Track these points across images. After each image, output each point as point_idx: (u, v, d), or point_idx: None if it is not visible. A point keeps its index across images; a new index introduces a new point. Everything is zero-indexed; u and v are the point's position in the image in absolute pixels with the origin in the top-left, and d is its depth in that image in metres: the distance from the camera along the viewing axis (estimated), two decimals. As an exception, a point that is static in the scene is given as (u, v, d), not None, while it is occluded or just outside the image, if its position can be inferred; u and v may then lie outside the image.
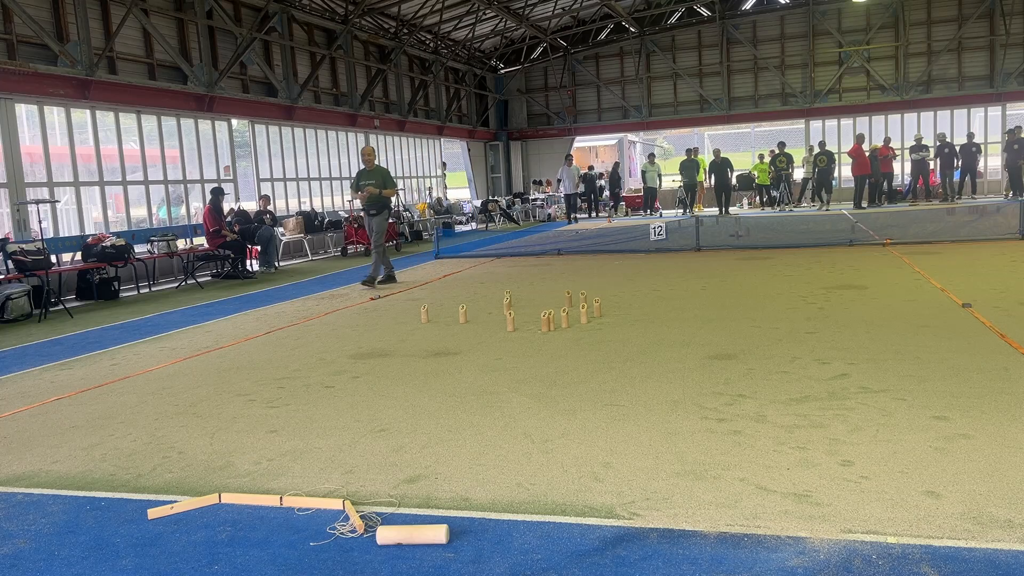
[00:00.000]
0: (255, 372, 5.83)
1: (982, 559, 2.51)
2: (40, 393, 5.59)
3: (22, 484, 3.74)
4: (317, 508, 3.22)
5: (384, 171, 10.69)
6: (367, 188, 10.31)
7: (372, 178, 10.37)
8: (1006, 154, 20.66)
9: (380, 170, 10.61)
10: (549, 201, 25.83)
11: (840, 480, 3.18)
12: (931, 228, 13.80)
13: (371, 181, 10.32)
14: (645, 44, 25.61)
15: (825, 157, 21.48)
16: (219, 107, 14.79)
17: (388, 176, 10.65)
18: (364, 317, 8.09)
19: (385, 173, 10.62)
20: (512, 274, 11.18)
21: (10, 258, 9.86)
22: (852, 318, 6.51)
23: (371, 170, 10.49)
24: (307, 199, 18.05)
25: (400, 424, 4.31)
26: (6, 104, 10.88)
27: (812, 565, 2.53)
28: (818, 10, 23.88)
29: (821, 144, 22.31)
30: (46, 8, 11.62)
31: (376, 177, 10.39)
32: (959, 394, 4.25)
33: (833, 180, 22.27)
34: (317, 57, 18.04)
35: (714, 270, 10.21)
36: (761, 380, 4.76)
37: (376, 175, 10.43)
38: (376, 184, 10.29)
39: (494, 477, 3.44)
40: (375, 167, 10.57)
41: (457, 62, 24.73)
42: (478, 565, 2.67)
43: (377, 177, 10.39)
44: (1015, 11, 22.19)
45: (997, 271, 8.72)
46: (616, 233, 16.34)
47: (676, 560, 2.62)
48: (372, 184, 10.27)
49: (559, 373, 5.24)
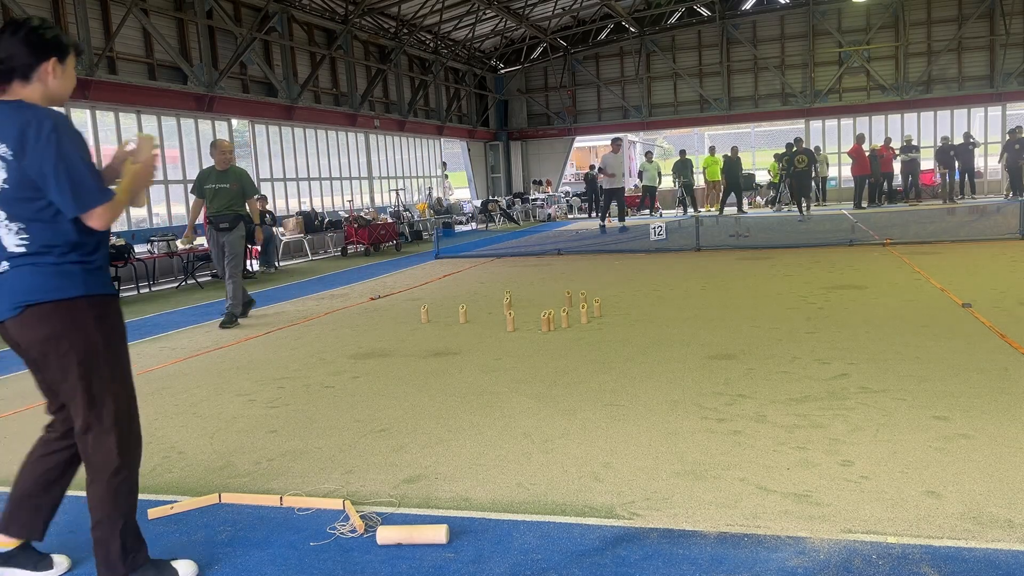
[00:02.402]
0: (255, 372, 5.83)
1: (982, 559, 2.51)
2: (40, 393, 5.58)
3: (22, 484, 3.73)
4: (317, 508, 3.22)
5: (243, 173, 8.23)
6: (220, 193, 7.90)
7: (225, 181, 7.94)
8: (1006, 154, 20.66)
9: (237, 171, 8.16)
10: (549, 201, 25.83)
11: (840, 480, 3.18)
12: (931, 228, 13.80)
13: (224, 185, 7.92)
14: (645, 44, 25.62)
15: (805, 157, 19.13)
16: (219, 107, 14.80)
17: (249, 181, 8.20)
18: (364, 317, 8.09)
19: (244, 176, 8.17)
20: (512, 274, 11.18)
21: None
22: (852, 318, 6.51)
23: (224, 171, 8.01)
24: (307, 199, 18.05)
25: (400, 424, 4.31)
26: (6, 104, 10.88)
27: (812, 565, 2.53)
28: (818, 10, 23.88)
29: (798, 141, 20.25)
30: (46, 8, 11.63)
31: (230, 180, 7.96)
32: (959, 394, 4.25)
33: (813, 182, 20.56)
34: (317, 57, 18.05)
35: (714, 270, 10.21)
36: (761, 380, 4.77)
37: (231, 178, 7.98)
38: (231, 190, 7.92)
39: (494, 477, 3.45)
40: (230, 167, 8.09)
41: (457, 62, 24.74)
42: (478, 565, 2.67)
43: (232, 180, 7.97)
44: (1015, 11, 22.19)
45: (997, 271, 8.72)
46: (616, 233, 16.34)
47: (676, 560, 2.62)
48: (227, 188, 7.91)
49: (559, 373, 5.24)
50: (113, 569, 2.53)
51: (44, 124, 2.40)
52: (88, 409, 2.51)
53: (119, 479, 2.53)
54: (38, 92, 2.50)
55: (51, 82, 2.52)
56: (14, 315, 2.47)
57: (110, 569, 2.53)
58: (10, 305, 2.47)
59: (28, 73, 2.48)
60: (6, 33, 2.47)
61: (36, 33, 2.48)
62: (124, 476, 2.55)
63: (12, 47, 2.45)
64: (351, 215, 16.79)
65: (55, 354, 2.48)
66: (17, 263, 2.46)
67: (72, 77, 2.61)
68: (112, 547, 2.51)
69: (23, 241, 2.45)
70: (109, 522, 2.51)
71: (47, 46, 2.50)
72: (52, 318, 2.46)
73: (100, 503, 2.51)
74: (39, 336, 2.47)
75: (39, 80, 2.50)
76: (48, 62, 2.50)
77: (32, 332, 2.47)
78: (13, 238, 2.45)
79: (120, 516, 2.53)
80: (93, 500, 2.52)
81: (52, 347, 2.47)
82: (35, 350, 2.50)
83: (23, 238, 2.45)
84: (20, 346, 2.55)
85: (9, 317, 2.48)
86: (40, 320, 2.45)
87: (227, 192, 7.91)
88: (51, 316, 2.46)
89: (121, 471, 2.54)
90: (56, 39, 2.52)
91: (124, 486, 2.55)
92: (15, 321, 2.48)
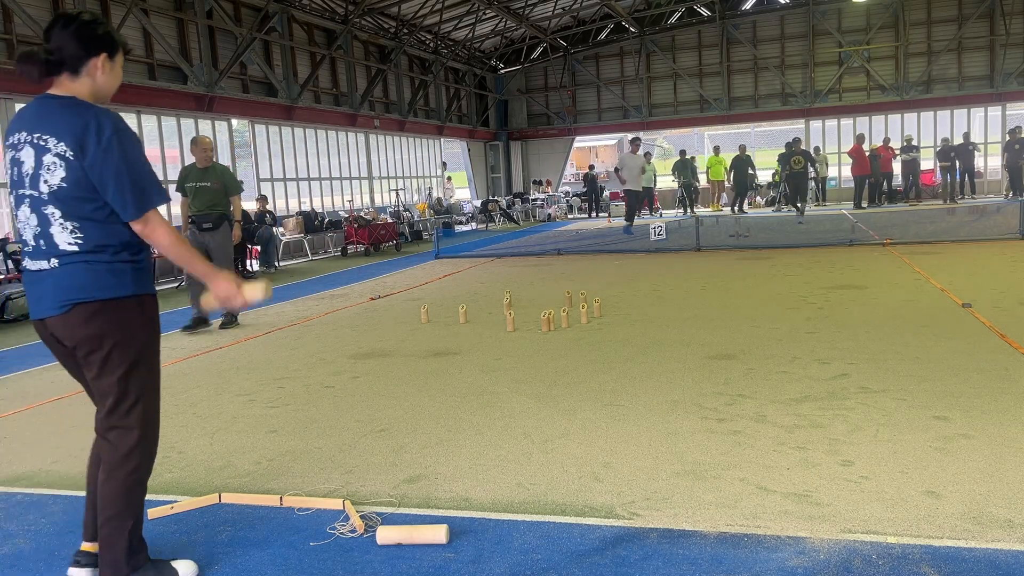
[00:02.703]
0: (255, 372, 5.83)
1: (982, 559, 2.51)
2: (40, 393, 5.59)
3: (22, 484, 3.74)
4: (317, 508, 3.22)
5: (225, 170, 8.03)
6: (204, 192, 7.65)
7: (206, 180, 7.69)
8: (1006, 154, 20.66)
9: (219, 169, 7.92)
10: (549, 201, 25.83)
11: (840, 480, 3.18)
12: (931, 228, 13.80)
13: (206, 183, 7.67)
14: (645, 44, 25.62)
15: (802, 158, 18.52)
16: (219, 107, 14.80)
17: (231, 178, 7.98)
18: (364, 317, 8.09)
19: (226, 173, 7.97)
20: (512, 274, 11.18)
21: (10, 258, 9.87)
22: (852, 318, 6.51)
23: (205, 168, 7.76)
24: (307, 199, 18.06)
25: (400, 424, 4.31)
26: (6, 104, 10.89)
27: (812, 565, 2.53)
28: (818, 10, 23.88)
29: (796, 142, 19.34)
30: (46, 8, 11.63)
31: (212, 179, 7.72)
32: (959, 394, 4.25)
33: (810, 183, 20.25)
34: (317, 57, 18.05)
35: (714, 270, 10.21)
36: (761, 380, 4.76)
37: (213, 176, 7.74)
38: (213, 187, 7.67)
39: (494, 477, 3.44)
40: (212, 165, 7.84)
41: (457, 62, 24.74)
42: (478, 565, 2.67)
43: (214, 179, 7.72)
44: (1015, 11, 22.19)
45: (997, 271, 8.72)
46: (616, 233, 16.34)
47: (676, 560, 2.62)
48: (208, 187, 7.67)
49: (559, 373, 5.24)
50: (117, 568, 2.53)
51: (105, 126, 2.41)
52: (120, 406, 2.53)
53: (135, 478, 2.54)
54: (86, 87, 2.50)
55: (99, 77, 2.52)
56: (60, 312, 2.46)
57: (115, 568, 2.53)
58: (57, 302, 2.46)
59: (77, 66, 2.48)
60: (58, 26, 2.47)
61: (88, 27, 2.49)
62: (139, 476, 2.56)
63: (63, 39, 2.45)
64: (351, 215, 16.79)
65: (99, 351, 2.48)
66: (68, 260, 2.45)
67: (119, 75, 2.61)
68: (118, 546, 2.52)
69: (77, 240, 2.45)
70: (119, 520, 2.51)
71: (99, 41, 2.50)
72: (100, 316, 2.46)
73: (113, 500, 2.51)
74: (86, 333, 2.46)
75: (88, 75, 2.50)
76: (98, 57, 2.50)
77: (80, 329, 2.46)
78: (67, 236, 2.45)
79: (130, 515, 2.53)
80: (106, 497, 2.52)
81: (98, 344, 2.47)
82: (82, 347, 2.49)
83: (77, 237, 2.45)
84: (61, 342, 2.54)
85: (54, 314, 2.48)
86: (89, 318, 2.45)
87: (209, 191, 7.67)
88: (100, 314, 2.46)
89: (138, 470, 2.55)
90: (108, 35, 2.53)
91: (138, 486, 2.56)
92: (61, 318, 2.47)
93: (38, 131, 2.43)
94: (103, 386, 2.52)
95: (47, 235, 2.46)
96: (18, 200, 2.51)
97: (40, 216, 2.45)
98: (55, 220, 2.44)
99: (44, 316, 2.50)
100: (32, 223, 2.48)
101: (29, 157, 2.44)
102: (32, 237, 2.49)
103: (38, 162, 2.42)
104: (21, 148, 2.46)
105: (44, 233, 2.46)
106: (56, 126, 2.41)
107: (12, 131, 2.53)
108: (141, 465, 2.56)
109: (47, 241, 2.46)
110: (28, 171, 2.45)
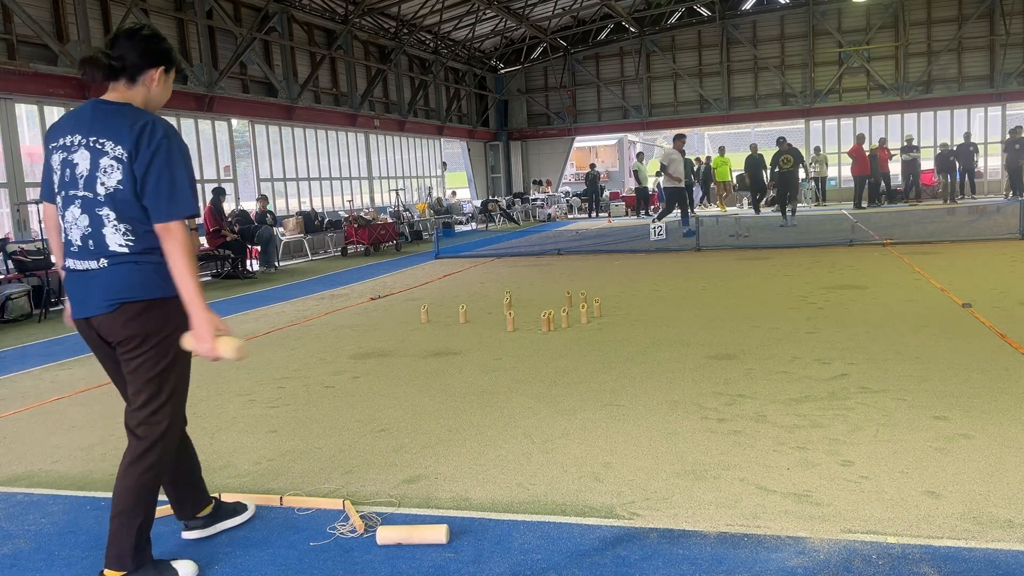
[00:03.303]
0: (255, 372, 5.83)
1: (982, 559, 2.51)
2: (40, 393, 5.59)
3: (22, 484, 3.74)
4: (317, 508, 3.22)
5: None
6: None
7: None
8: (1006, 154, 20.66)
9: None
10: (549, 201, 25.83)
11: (840, 480, 3.18)
12: (931, 228, 13.80)
13: None
14: (645, 44, 25.62)
15: (791, 157, 17.37)
16: (219, 107, 14.80)
17: None
18: (364, 317, 8.09)
19: None
20: (512, 274, 11.18)
21: (10, 258, 9.87)
22: (852, 318, 6.51)
23: None
24: (307, 199, 18.05)
25: (400, 424, 4.31)
26: (6, 104, 10.89)
27: (812, 565, 2.53)
28: (818, 10, 23.88)
29: (780, 141, 17.80)
30: (46, 8, 11.63)
31: None
32: (959, 394, 4.25)
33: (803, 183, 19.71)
34: (317, 57, 18.05)
35: (714, 270, 10.21)
36: (761, 380, 4.76)
37: None
38: None
39: (494, 477, 3.44)
40: None
41: (457, 62, 24.74)
42: (478, 565, 2.67)
43: None
44: (1015, 11, 22.19)
45: (997, 271, 8.72)
46: (616, 233, 16.33)
47: (676, 560, 2.62)
48: None
49: (559, 373, 5.24)
50: (123, 563, 2.57)
51: (158, 130, 2.51)
52: (151, 402, 2.61)
53: (151, 475, 2.60)
54: (140, 96, 2.62)
55: (154, 88, 2.65)
56: (107, 311, 2.53)
57: (120, 562, 2.57)
58: (105, 301, 2.53)
59: (135, 75, 2.60)
60: (124, 36, 2.61)
61: (152, 41, 2.64)
62: (155, 473, 2.62)
63: (126, 48, 2.58)
64: (351, 215, 16.79)
65: (141, 348, 2.56)
66: (117, 261, 2.53)
67: (169, 89, 2.75)
68: (126, 541, 2.56)
69: (128, 241, 2.53)
70: (130, 516, 2.56)
71: (158, 55, 2.65)
72: (145, 315, 2.54)
73: (126, 493, 2.56)
74: (131, 332, 2.54)
75: (143, 84, 2.62)
76: (156, 70, 2.64)
77: (125, 328, 2.54)
78: (119, 238, 2.53)
79: (141, 512, 2.58)
80: (120, 490, 2.58)
81: (140, 342, 2.56)
82: (124, 344, 2.57)
83: (128, 239, 2.53)
84: (104, 340, 2.61)
85: (100, 313, 2.54)
86: (134, 316, 2.53)
87: None
88: (145, 313, 2.54)
89: (155, 467, 2.61)
90: (168, 51, 2.68)
91: (153, 483, 2.61)
92: (108, 316, 2.54)
93: (94, 134, 2.52)
94: (139, 382, 2.60)
95: (98, 236, 2.53)
96: (67, 201, 2.56)
97: (92, 217, 2.52)
98: (109, 222, 2.52)
99: (91, 315, 2.57)
100: (82, 224, 2.54)
101: (84, 159, 2.52)
102: (80, 238, 2.55)
103: (94, 164, 2.51)
104: (75, 150, 2.54)
105: (95, 234, 2.53)
106: (114, 130, 2.50)
107: (62, 133, 2.60)
108: (159, 462, 2.62)
109: (97, 242, 2.53)
110: (83, 173, 2.52)
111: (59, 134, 2.61)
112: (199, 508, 3.00)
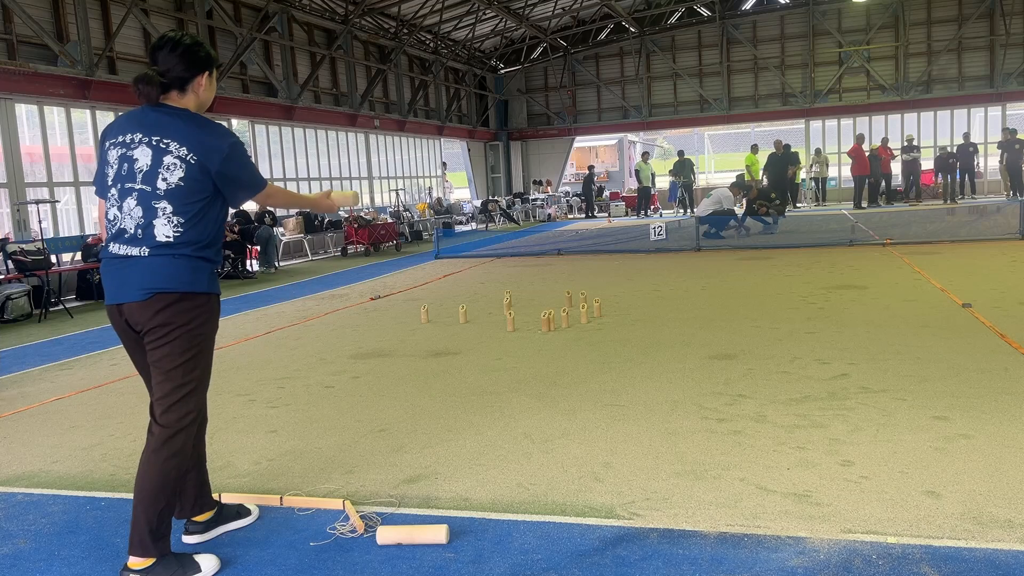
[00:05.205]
0: (255, 372, 5.83)
1: (982, 559, 2.51)
2: (40, 393, 5.59)
3: (22, 484, 3.74)
4: (317, 508, 3.22)
5: None
6: None
7: None
8: (1006, 154, 20.66)
9: None
10: (549, 201, 25.83)
11: (840, 480, 3.18)
12: (931, 228, 13.80)
13: None
14: (645, 44, 25.61)
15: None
16: (219, 107, 14.79)
17: None
18: (364, 317, 8.09)
19: None
20: (512, 274, 11.18)
21: (10, 258, 9.86)
22: (852, 318, 6.51)
23: None
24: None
25: (400, 424, 4.31)
26: (6, 104, 10.89)
27: (812, 565, 2.53)
28: (818, 10, 23.88)
29: (776, 144, 18.62)
30: (46, 8, 11.63)
31: None
32: (959, 394, 4.25)
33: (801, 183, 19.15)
34: (317, 57, 18.05)
35: (714, 270, 10.21)
36: (761, 380, 4.76)
37: None
38: None
39: (494, 477, 3.44)
40: None
41: (457, 62, 24.73)
42: (478, 565, 2.67)
43: None
44: (1015, 11, 22.19)
45: (997, 271, 8.72)
46: (616, 233, 16.34)
47: (676, 560, 2.62)
48: None
49: (559, 373, 5.24)
50: (146, 550, 2.63)
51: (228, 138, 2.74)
52: (176, 392, 2.68)
53: (173, 463, 2.66)
54: (192, 102, 2.80)
55: (202, 93, 2.83)
56: (141, 299, 2.63)
57: (143, 549, 2.63)
58: (140, 289, 2.63)
59: (184, 85, 2.77)
60: (165, 49, 2.74)
61: (192, 50, 2.77)
62: (178, 462, 2.68)
63: (171, 61, 2.74)
64: (351, 215, 16.78)
65: (168, 338, 2.65)
66: (158, 252, 2.65)
67: (215, 87, 2.90)
68: (147, 528, 2.62)
69: (176, 232, 2.66)
70: (151, 502, 2.61)
71: (201, 62, 2.80)
72: (175, 306, 2.64)
73: (148, 480, 2.63)
74: (159, 321, 2.64)
75: (192, 91, 2.80)
76: (202, 75, 2.81)
77: (154, 317, 2.63)
78: (168, 229, 2.66)
79: (163, 499, 2.63)
80: (142, 478, 2.64)
81: (167, 332, 2.65)
82: (152, 333, 2.65)
83: (177, 231, 2.67)
84: (133, 327, 2.70)
85: (134, 300, 2.64)
86: (166, 307, 2.63)
87: None
88: (175, 304, 2.64)
89: (178, 455, 2.68)
90: (208, 56, 2.83)
91: (175, 471, 2.67)
92: (139, 304, 2.64)
93: (158, 135, 2.68)
94: (163, 371, 2.68)
95: (149, 226, 2.65)
96: (123, 192, 2.69)
97: (147, 208, 2.66)
98: (164, 214, 2.66)
99: (124, 301, 2.66)
100: (136, 214, 2.66)
101: (146, 156, 2.67)
102: (132, 227, 2.66)
103: (157, 161, 2.66)
104: (136, 147, 2.69)
105: (147, 224, 2.65)
106: (180, 133, 2.67)
107: (121, 132, 2.74)
108: (181, 451, 2.69)
109: (146, 231, 2.65)
110: (143, 168, 2.67)
111: (117, 132, 2.75)
112: (201, 510, 3.02)
